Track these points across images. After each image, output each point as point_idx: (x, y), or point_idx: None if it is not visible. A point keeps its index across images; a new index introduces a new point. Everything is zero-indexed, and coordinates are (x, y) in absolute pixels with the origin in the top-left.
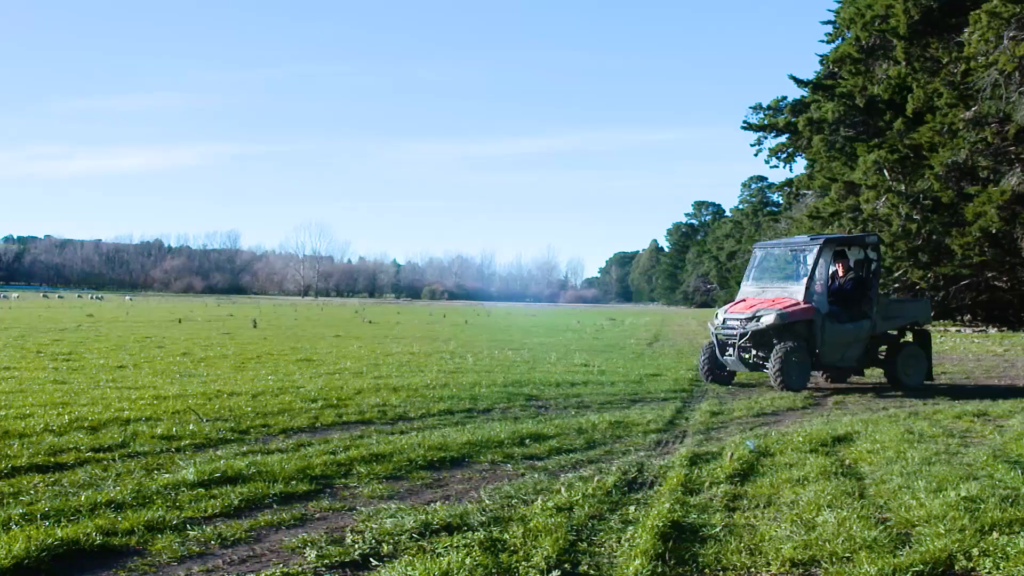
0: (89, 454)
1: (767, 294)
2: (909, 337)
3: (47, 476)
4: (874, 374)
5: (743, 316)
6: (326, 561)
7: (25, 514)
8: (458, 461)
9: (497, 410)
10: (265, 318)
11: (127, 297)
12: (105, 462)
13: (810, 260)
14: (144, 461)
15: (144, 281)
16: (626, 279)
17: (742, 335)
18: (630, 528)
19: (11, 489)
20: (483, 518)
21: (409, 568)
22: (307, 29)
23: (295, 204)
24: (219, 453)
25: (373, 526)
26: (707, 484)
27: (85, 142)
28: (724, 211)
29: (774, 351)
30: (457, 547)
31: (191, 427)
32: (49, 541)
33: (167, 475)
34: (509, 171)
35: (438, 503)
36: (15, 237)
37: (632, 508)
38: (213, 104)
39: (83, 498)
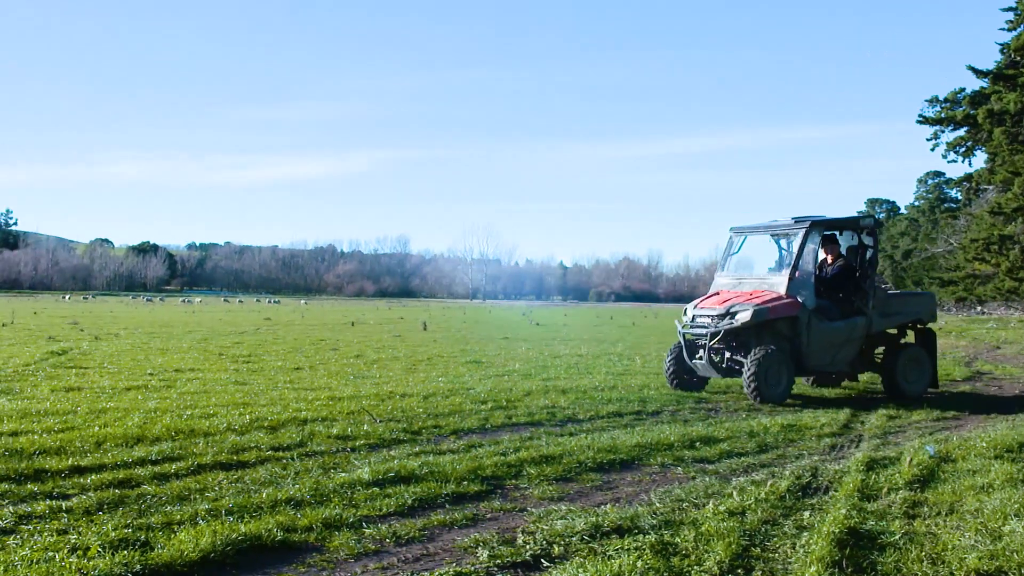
0: (269, 453)
1: (744, 286)
2: (911, 337)
3: (230, 473)
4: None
5: (714, 312)
6: (498, 561)
7: (210, 510)
8: (628, 463)
9: (666, 412)
10: (434, 321)
11: (302, 301)
12: (284, 461)
13: (794, 247)
14: (321, 460)
15: (318, 285)
16: None
17: (713, 335)
18: (805, 534)
19: (197, 485)
20: (654, 521)
21: (580, 570)
22: (473, 33)
23: (463, 208)
24: (392, 453)
25: (544, 527)
26: (885, 490)
27: (261, 151)
28: (899, 208)
29: (750, 354)
30: (628, 550)
31: (365, 427)
32: (233, 536)
33: (343, 474)
34: (676, 171)
35: (608, 505)
36: (197, 244)
37: (807, 514)
38: (382, 111)
39: (264, 495)
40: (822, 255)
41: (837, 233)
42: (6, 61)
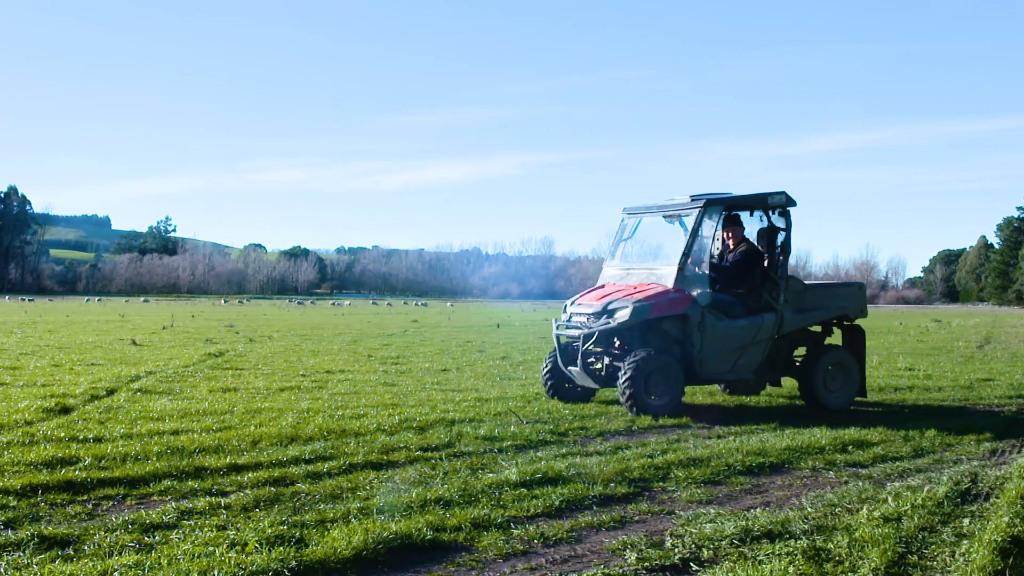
0: (418, 453)
1: (631, 278)
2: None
3: (380, 473)
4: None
5: (591, 310)
6: (646, 564)
7: (362, 508)
8: (777, 467)
9: (815, 415)
10: None
11: (448, 303)
12: (433, 461)
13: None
14: (469, 461)
15: (464, 288)
16: (951, 278)
17: (587, 336)
18: (964, 542)
19: (349, 484)
20: (805, 526)
21: (730, 575)
22: (609, 35)
23: (606, 209)
24: (539, 454)
25: (692, 530)
26: None
27: (407, 156)
28: None
29: (626, 360)
30: (779, 555)
31: (512, 429)
32: (384, 535)
33: (491, 475)
34: (821, 168)
35: (758, 509)
36: (346, 248)
37: (966, 521)
38: (524, 114)
39: (414, 495)
40: (725, 240)
41: (748, 214)
42: (165, 78)
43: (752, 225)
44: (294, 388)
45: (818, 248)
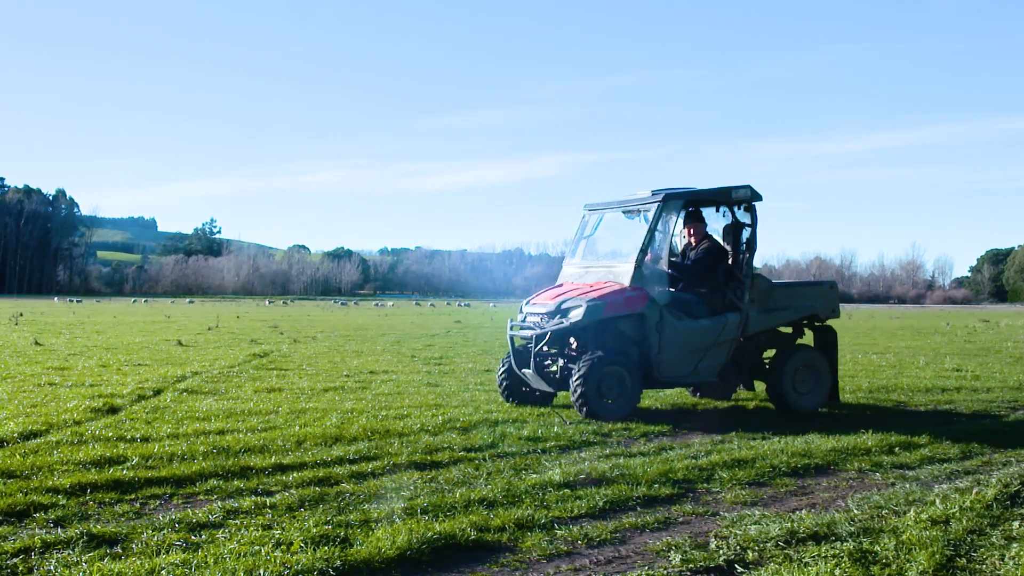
0: (462, 454)
1: (589, 276)
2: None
3: (424, 473)
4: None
5: (544, 310)
6: (691, 566)
7: (406, 508)
8: (823, 468)
9: (862, 416)
10: None
11: (491, 304)
12: (476, 461)
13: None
14: (512, 461)
15: (506, 288)
16: (999, 278)
17: (539, 337)
18: (1014, 545)
19: (393, 484)
20: (852, 528)
21: None
22: (650, 35)
23: None
24: (583, 455)
25: (737, 532)
26: None
27: (451, 157)
28: None
29: (579, 362)
30: (825, 557)
31: (555, 429)
32: (428, 534)
33: (534, 475)
34: (866, 167)
35: (803, 511)
36: (389, 249)
37: (1016, 524)
38: (566, 114)
39: (457, 495)
40: (687, 237)
41: (714, 210)
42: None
43: (718, 221)
44: (338, 388)
45: (863, 248)
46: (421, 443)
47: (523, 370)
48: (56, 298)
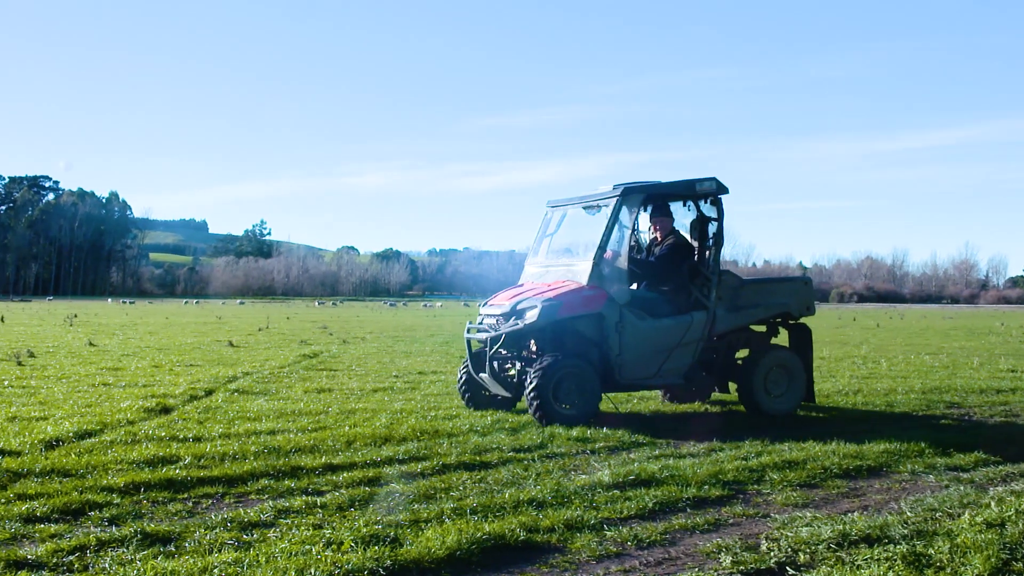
0: (511, 454)
1: (550, 276)
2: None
3: (473, 474)
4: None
5: (500, 311)
6: (741, 567)
7: (456, 508)
8: (875, 470)
9: (915, 417)
10: None
11: None
12: (525, 462)
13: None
14: (561, 462)
15: None
16: None
17: (494, 340)
18: None
19: (443, 485)
20: (905, 531)
21: None
22: (695, 34)
23: None
24: (632, 456)
25: (788, 534)
26: None
27: (497, 158)
28: None
29: (533, 366)
30: (878, 560)
31: (604, 430)
32: (478, 535)
33: (583, 476)
34: (918, 165)
35: (856, 513)
36: (437, 250)
37: None
38: (614, 114)
39: (507, 495)
40: (652, 233)
41: (682, 204)
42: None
43: (686, 216)
44: (387, 389)
45: (916, 247)
46: (470, 443)
47: (480, 375)
48: (109, 299)
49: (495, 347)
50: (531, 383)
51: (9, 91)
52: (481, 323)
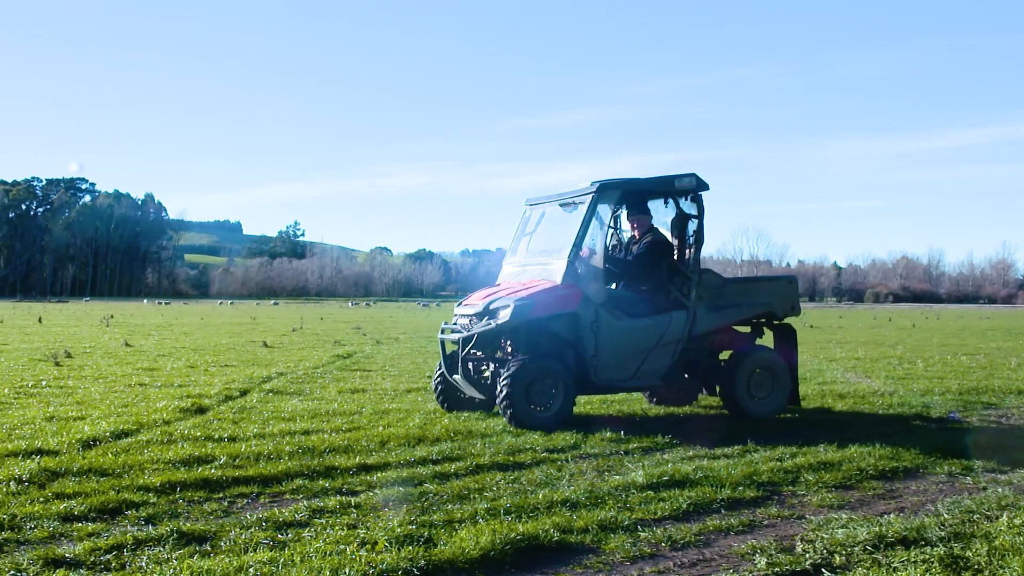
0: (544, 455)
1: (526, 275)
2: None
3: (507, 474)
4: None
5: (473, 311)
6: (776, 569)
7: (489, 509)
8: (911, 471)
9: (950, 419)
10: None
11: None
12: (559, 462)
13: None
14: (595, 463)
15: None
16: None
17: (466, 340)
18: None
19: (476, 485)
20: (942, 533)
21: None
22: (727, 33)
23: (732, 209)
24: (665, 457)
25: (824, 536)
26: None
27: (530, 158)
28: None
29: (505, 366)
30: (914, 562)
31: (638, 431)
32: (511, 535)
33: (617, 476)
34: (954, 165)
35: (892, 515)
36: (470, 251)
37: None
38: (646, 114)
39: (540, 496)
40: (631, 231)
41: (662, 202)
42: (294, 86)
43: (665, 213)
44: (420, 389)
45: (952, 247)
46: (503, 444)
47: (453, 376)
48: (145, 300)
49: (467, 348)
50: (502, 384)
51: (46, 94)
52: (455, 324)
